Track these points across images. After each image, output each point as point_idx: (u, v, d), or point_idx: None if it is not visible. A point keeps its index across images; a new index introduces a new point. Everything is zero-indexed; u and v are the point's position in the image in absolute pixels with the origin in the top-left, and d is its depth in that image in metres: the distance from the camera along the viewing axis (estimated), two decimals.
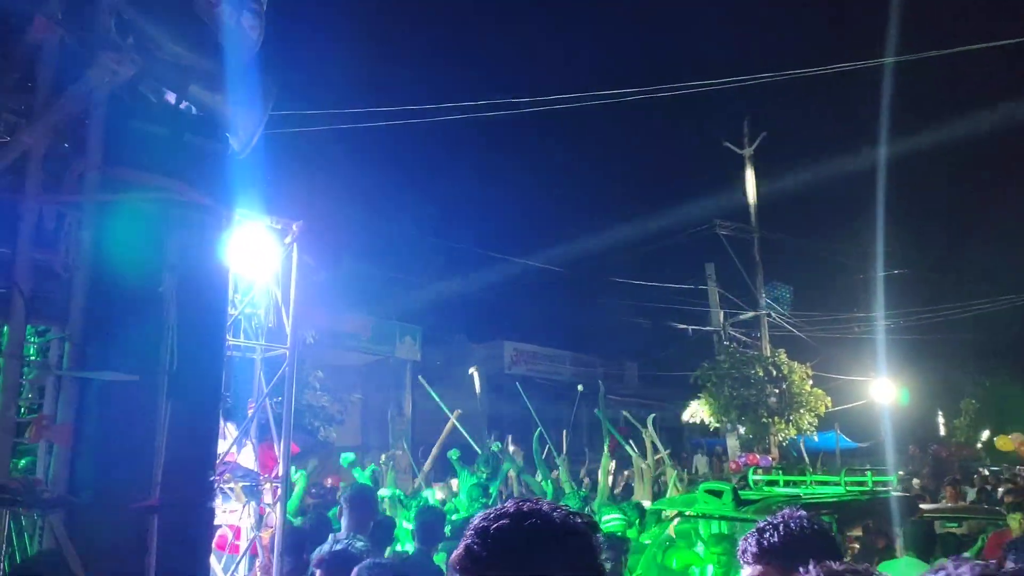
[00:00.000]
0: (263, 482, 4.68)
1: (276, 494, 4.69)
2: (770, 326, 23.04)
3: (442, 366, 22.88)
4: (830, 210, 35.77)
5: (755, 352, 22.25)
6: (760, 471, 14.18)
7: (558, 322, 29.00)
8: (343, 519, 4.69)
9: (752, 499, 6.77)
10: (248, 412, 4.95)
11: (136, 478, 3.30)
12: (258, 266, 4.98)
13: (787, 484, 9.08)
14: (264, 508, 4.84)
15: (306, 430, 15.27)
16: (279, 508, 4.62)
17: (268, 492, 4.75)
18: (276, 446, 4.95)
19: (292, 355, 5.04)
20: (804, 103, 37.55)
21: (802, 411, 20.55)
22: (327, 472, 13.22)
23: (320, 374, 17.10)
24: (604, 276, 24.89)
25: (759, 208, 23.30)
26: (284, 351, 5.08)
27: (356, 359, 22.47)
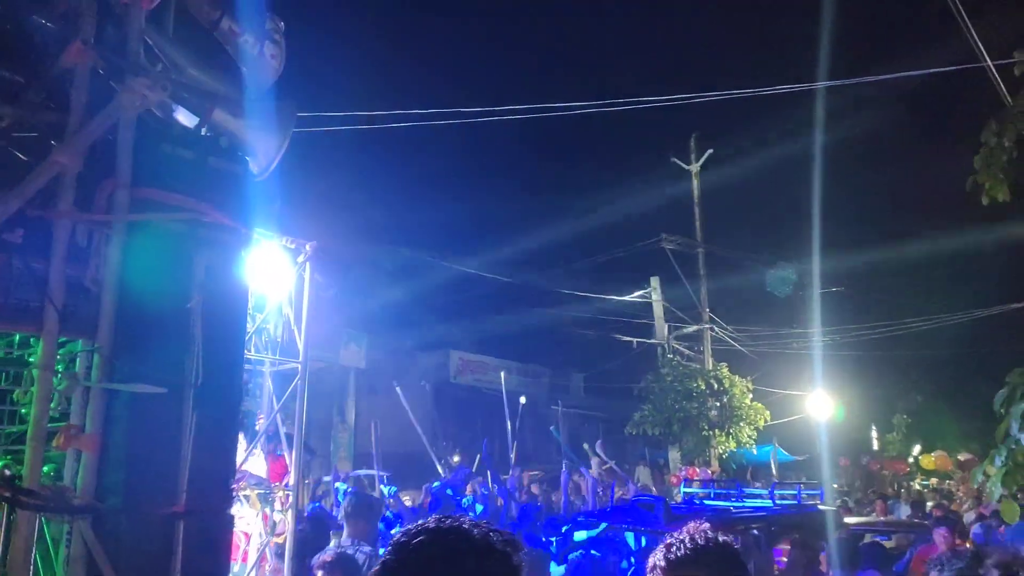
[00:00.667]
0: (275, 490, 4.85)
1: (287, 501, 4.86)
2: (713, 340, 23.71)
3: (387, 374, 22.87)
4: (772, 227, 36.90)
5: (698, 365, 22.88)
6: (696, 483, 14.67)
7: (505, 332, 29.27)
8: (345, 527, 4.86)
9: (682, 515, 7.01)
10: (257, 423, 5.10)
11: (163, 485, 3.45)
12: (272, 283, 5.13)
13: (717, 497, 9.56)
14: (268, 514, 4.99)
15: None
16: (290, 515, 4.79)
17: (278, 500, 4.91)
18: (288, 456, 5.11)
19: (304, 369, 5.20)
20: (749, 121, 38.74)
21: (742, 424, 21.20)
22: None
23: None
24: (551, 287, 25.23)
25: (704, 223, 24.06)
26: (296, 365, 5.23)
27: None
